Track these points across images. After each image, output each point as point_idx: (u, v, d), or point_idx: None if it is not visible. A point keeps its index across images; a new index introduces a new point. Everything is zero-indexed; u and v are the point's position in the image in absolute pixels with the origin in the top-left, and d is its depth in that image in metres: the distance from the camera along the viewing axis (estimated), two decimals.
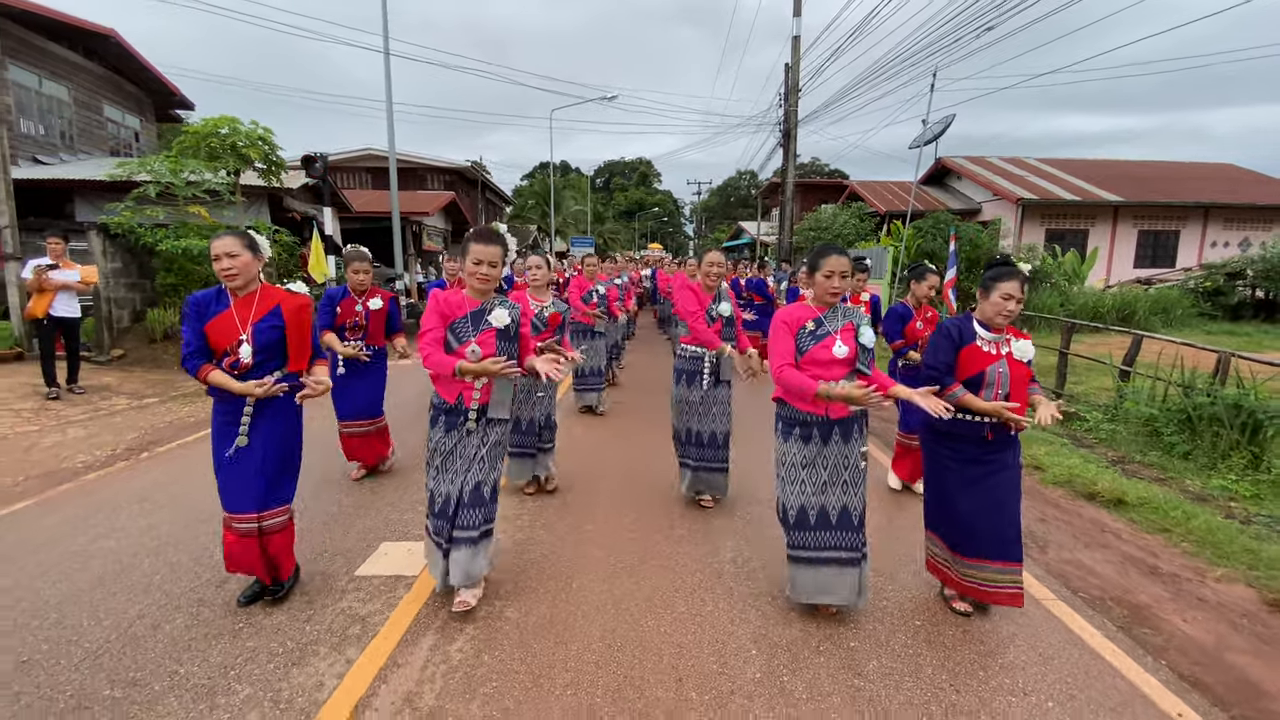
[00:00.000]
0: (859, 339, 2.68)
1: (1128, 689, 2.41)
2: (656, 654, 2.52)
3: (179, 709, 2.14)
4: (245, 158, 10.17)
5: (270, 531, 2.69)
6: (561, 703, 2.22)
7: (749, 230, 33.41)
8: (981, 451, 2.70)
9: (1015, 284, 2.62)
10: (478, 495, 2.69)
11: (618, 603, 2.91)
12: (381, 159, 24.80)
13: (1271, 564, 3.54)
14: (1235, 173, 21.33)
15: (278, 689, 2.25)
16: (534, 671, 2.38)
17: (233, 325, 2.59)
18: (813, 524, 2.69)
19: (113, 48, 14.42)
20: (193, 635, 2.57)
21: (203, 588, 2.95)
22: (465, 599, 2.74)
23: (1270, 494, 4.68)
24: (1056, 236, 17.72)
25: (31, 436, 5.51)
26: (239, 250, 2.58)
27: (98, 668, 2.34)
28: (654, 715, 2.17)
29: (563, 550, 3.45)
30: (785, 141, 16.90)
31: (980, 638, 2.73)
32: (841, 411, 2.65)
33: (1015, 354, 2.67)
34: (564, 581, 3.10)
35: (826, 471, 2.68)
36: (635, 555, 3.40)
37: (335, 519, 3.81)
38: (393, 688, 2.26)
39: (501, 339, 2.71)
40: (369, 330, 4.40)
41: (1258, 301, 15.69)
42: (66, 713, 2.12)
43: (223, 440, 2.64)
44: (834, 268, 2.67)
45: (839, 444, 2.67)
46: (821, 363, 2.64)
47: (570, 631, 2.66)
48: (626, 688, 2.31)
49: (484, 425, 2.71)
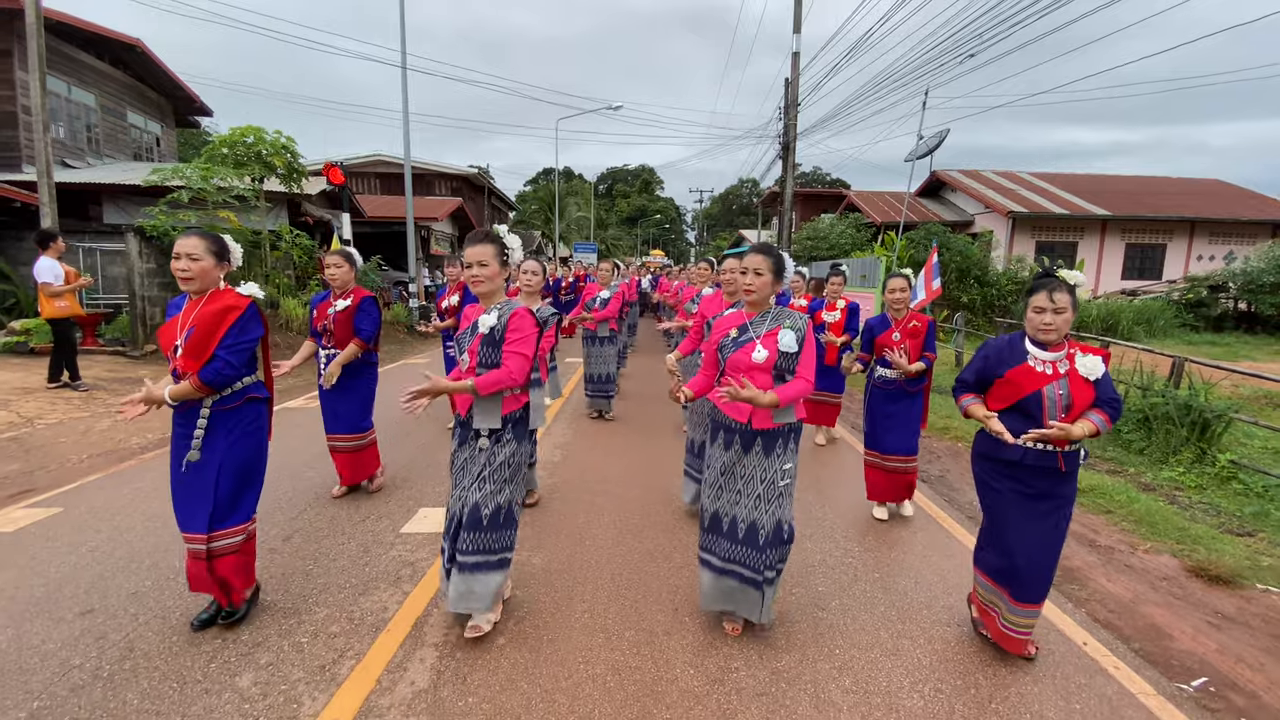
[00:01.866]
0: (779, 343, 2.49)
1: (1045, 623, 2.92)
2: (656, 592, 3.03)
3: (271, 623, 2.66)
4: (270, 165, 10.75)
5: (220, 554, 2.50)
6: (580, 623, 2.73)
7: (749, 238, 33.99)
8: (1051, 484, 2.44)
9: (1044, 295, 2.38)
10: (475, 518, 2.48)
11: (625, 555, 3.43)
12: (390, 165, 25.45)
13: (1197, 539, 4.05)
14: (1221, 188, 21.92)
15: (350, 610, 2.77)
16: (556, 602, 2.90)
17: (174, 327, 2.48)
18: (723, 531, 2.59)
19: (138, 57, 15.02)
20: (271, 574, 3.08)
21: (271, 540, 3.46)
22: (477, 624, 2.58)
23: (1212, 484, 5.19)
24: (1046, 249, 18.28)
25: (85, 421, 6.02)
26: (200, 254, 2.46)
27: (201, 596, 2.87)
28: (655, 632, 2.68)
29: (576, 513, 3.98)
30: (785, 154, 17.46)
31: (902, 590, 3.24)
32: (765, 422, 2.50)
33: (1082, 372, 2.38)
34: (578, 538, 3.63)
35: (740, 481, 2.55)
36: (638, 519, 3.93)
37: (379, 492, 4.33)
38: (444, 610, 2.76)
39: (485, 345, 2.52)
40: (336, 336, 3.91)
41: (1240, 313, 16.22)
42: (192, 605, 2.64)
43: (179, 453, 2.49)
44: (747, 264, 2.56)
45: (759, 456, 2.53)
46: (743, 368, 2.52)
47: (585, 574, 3.19)
48: (632, 613, 2.82)
49: (494, 443, 2.53)
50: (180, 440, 2.49)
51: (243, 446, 2.53)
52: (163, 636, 2.56)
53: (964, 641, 2.75)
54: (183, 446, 2.47)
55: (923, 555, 3.63)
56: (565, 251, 35.88)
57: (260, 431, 2.62)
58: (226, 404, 2.49)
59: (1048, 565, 2.49)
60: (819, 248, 18.46)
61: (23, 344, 8.51)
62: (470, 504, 2.48)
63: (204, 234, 2.51)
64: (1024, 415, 2.42)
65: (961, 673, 2.52)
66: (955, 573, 3.40)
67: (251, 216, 10.10)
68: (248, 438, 2.55)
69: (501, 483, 2.52)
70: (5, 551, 3.32)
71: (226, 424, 2.49)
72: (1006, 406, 2.47)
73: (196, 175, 9.48)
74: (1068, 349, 2.44)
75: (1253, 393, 9.38)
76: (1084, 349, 2.45)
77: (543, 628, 2.70)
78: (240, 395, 2.53)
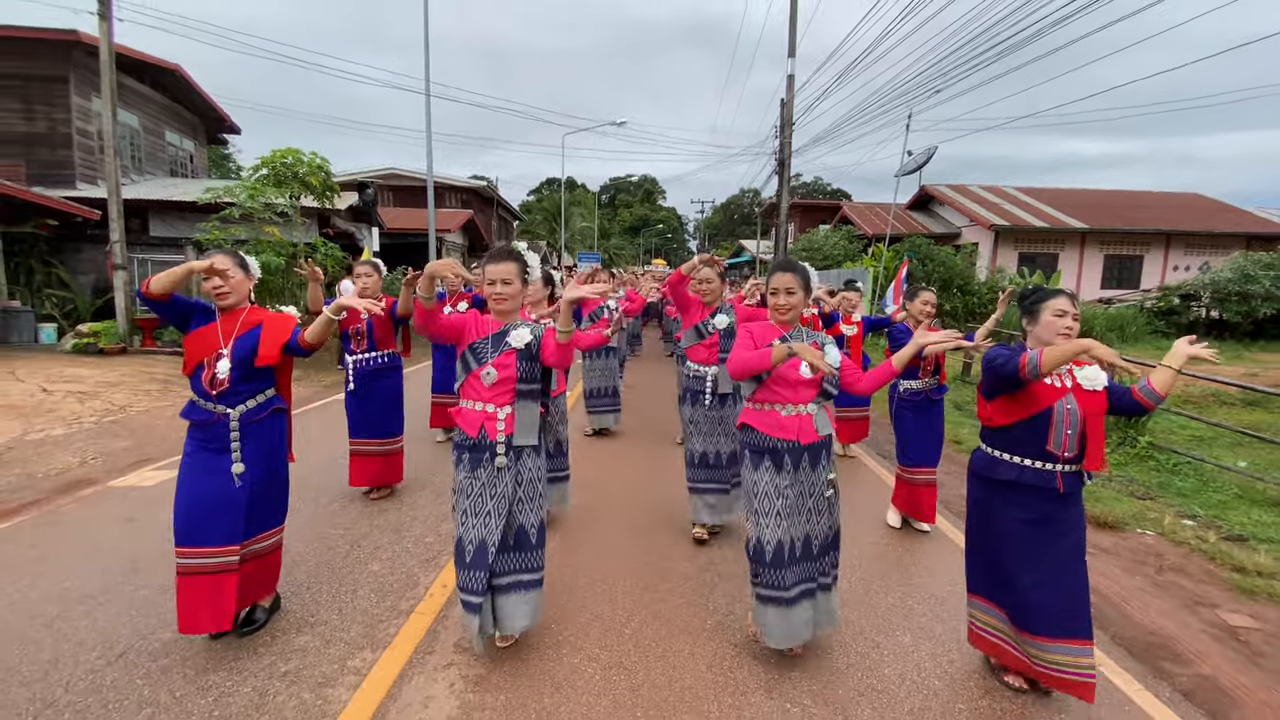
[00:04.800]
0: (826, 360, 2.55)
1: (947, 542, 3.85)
2: (659, 557, 3.97)
3: (343, 560, 3.61)
4: (306, 183, 11.78)
5: (250, 559, 2.62)
6: (589, 573, 3.67)
7: (749, 248, 35.04)
8: (1052, 508, 2.35)
9: (1065, 299, 2.38)
10: (523, 538, 2.53)
11: (633, 530, 4.36)
12: (403, 178, 26.70)
13: (1101, 499, 4.98)
14: (1200, 201, 22.94)
15: (397, 570, 3.71)
16: (574, 565, 3.69)
17: (215, 337, 2.58)
18: (797, 558, 2.54)
19: (176, 80, 16.11)
20: (333, 508, 4.03)
21: (338, 500, 4.41)
22: (509, 633, 2.64)
23: (1132, 462, 6.13)
24: (1028, 260, 19.27)
25: (170, 409, 6.98)
26: (234, 270, 2.61)
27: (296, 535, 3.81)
28: (657, 573, 3.62)
29: (594, 502, 4.91)
30: (780, 170, 18.50)
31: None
32: (811, 437, 2.53)
33: (1083, 384, 2.35)
34: (595, 512, 4.56)
35: (797, 500, 2.54)
36: (651, 496, 4.87)
37: (421, 479, 5.27)
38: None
39: (522, 359, 2.51)
40: (375, 337, 4.19)
41: (1211, 320, 17.14)
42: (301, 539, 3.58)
43: (198, 469, 2.55)
44: (779, 284, 2.59)
45: (808, 470, 2.55)
46: (790, 383, 2.54)
47: (602, 547, 4.12)
48: (643, 565, 3.76)
49: (515, 459, 2.50)
50: (198, 455, 2.56)
51: (271, 455, 2.68)
52: None
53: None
54: (200, 461, 2.55)
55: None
56: (570, 260, 36.93)
57: (284, 440, 2.76)
58: (255, 416, 2.62)
59: (1069, 595, 2.33)
60: (814, 258, 19.45)
61: (92, 345, 9.51)
62: (515, 526, 2.52)
63: (230, 252, 2.66)
64: (1031, 432, 2.35)
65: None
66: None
67: (294, 231, 11.08)
68: (276, 447, 2.71)
69: (534, 498, 2.56)
70: (155, 498, 4.29)
71: (255, 435, 2.61)
72: (1018, 420, 2.38)
73: (244, 194, 10.49)
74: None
75: (1202, 392, 10.33)
76: (1075, 361, 2.34)
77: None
78: (266, 407, 2.67)
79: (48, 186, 12.37)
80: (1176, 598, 3.49)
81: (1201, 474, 5.77)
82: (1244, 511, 4.86)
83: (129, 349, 9.84)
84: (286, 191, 11.59)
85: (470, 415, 2.49)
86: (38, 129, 13.07)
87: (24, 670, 2.48)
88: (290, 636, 2.77)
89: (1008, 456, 2.41)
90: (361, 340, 4.18)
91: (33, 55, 12.75)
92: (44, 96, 13.04)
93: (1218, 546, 4.09)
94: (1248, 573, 3.73)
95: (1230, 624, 3.23)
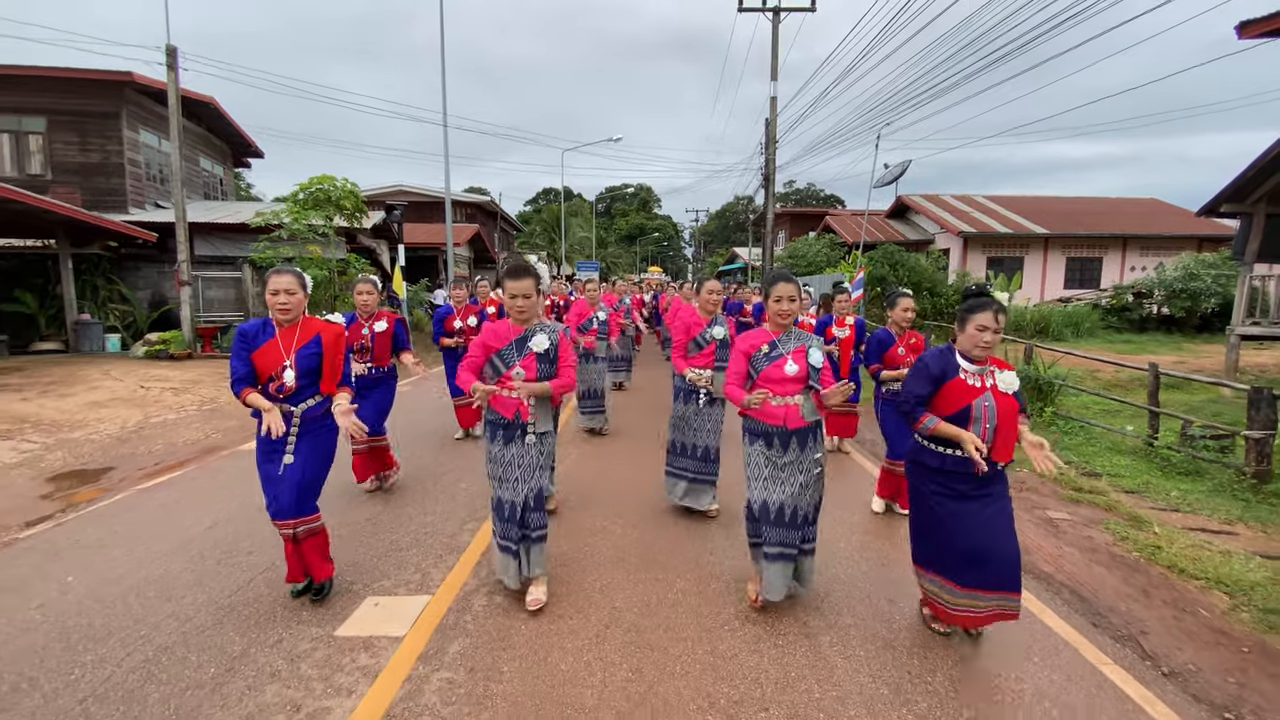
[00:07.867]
0: (809, 359, 2.92)
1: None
2: (667, 531, 5.40)
3: (418, 512, 5.04)
4: (340, 206, 13.27)
5: (304, 537, 2.97)
6: (601, 549, 5.10)
7: (742, 255, 36.61)
8: (971, 486, 2.64)
9: (989, 315, 2.57)
10: (540, 499, 3.01)
11: (639, 512, 5.81)
12: (410, 194, 28.33)
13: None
14: (1159, 206, 24.57)
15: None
16: (582, 544, 5.21)
17: (278, 352, 2.83)
18: (772, 520, 2.91)
19: (209, 111, 17.61)
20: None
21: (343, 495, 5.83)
22: (538, 597, 3.06)
23: (1038, 428, 7.58)
24: (996, 263, 20.84)
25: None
26: (295, 288, 2.89)
27: (325, 510, 5.23)
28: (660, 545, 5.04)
29: (595, 483, 6.33)
30: (766, 185, 20.06)
31: None
32: (797, 423, 2.90)
33: (1000, 386, 2.61)
34: (595, 491, 6.00)
35: (785, 473, 2.91)
36: (650, 487, 6.30)
37: (440, 487, 6.68)
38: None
39: (541, 361, 2.94)
40: (375, 352, 4.61)
41: (1162, 316, 18.68)
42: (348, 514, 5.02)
43: (270, 455, 2.91)
44: (782, 293, 2.93)
45: (796, 450, 2.92)
46: (776, 380, 2.90)
47: (605, 532, 5.55)
48: (646, 545, 5.19)
49: (540, 438, 2.99)
50: (270, 444, 2.87)
51: (325, 446, 3.02)
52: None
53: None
54: (271, 448, 2.89)
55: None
56: (569, 270, 38.36)
57: (334, 433, 3.06)
58: (314, 412, 2.96)
59: (992, 549, 2.60)
60: (798, 265, 20.98)
61: (163, 350, 10.94)
62: (535, 490, 2.99)
63: (294, 271, 2.93)
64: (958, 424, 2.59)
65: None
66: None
67: (333, 250, 12.54)
68: (330, 439, 3.05)
69: (548, 469, 3.23)
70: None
71: (313, 429, 2.96)
72: (942, 416, 2.64)
73: (289, 217, 11.95)
74: (990, 363, 2.66)
75: (1130, 378, 11.79)
76: (998, 364, 2.67)
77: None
78: (323, 405, 2.98)
79: (102, 211, 13.82)
80: (1021, 505, 4.94)
81: (1091, 435, 7.24)
82: (1107, 458, 6.33)
83: (194, 354, 11.26)
84: (323, 214, 13.10)
85: (506, 401, 2.95)
86: (92, 159, 14.53)
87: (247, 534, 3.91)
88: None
89: (935, 447, 2.71)
90: (365, 354, 4.64)
91: (89, 94, 14.21)
92: (99, 130, 14.50)
93: (1068, 477, 5.55)
94: (1081, 490, 5.20)
95: (1051, 518, 4.69)
